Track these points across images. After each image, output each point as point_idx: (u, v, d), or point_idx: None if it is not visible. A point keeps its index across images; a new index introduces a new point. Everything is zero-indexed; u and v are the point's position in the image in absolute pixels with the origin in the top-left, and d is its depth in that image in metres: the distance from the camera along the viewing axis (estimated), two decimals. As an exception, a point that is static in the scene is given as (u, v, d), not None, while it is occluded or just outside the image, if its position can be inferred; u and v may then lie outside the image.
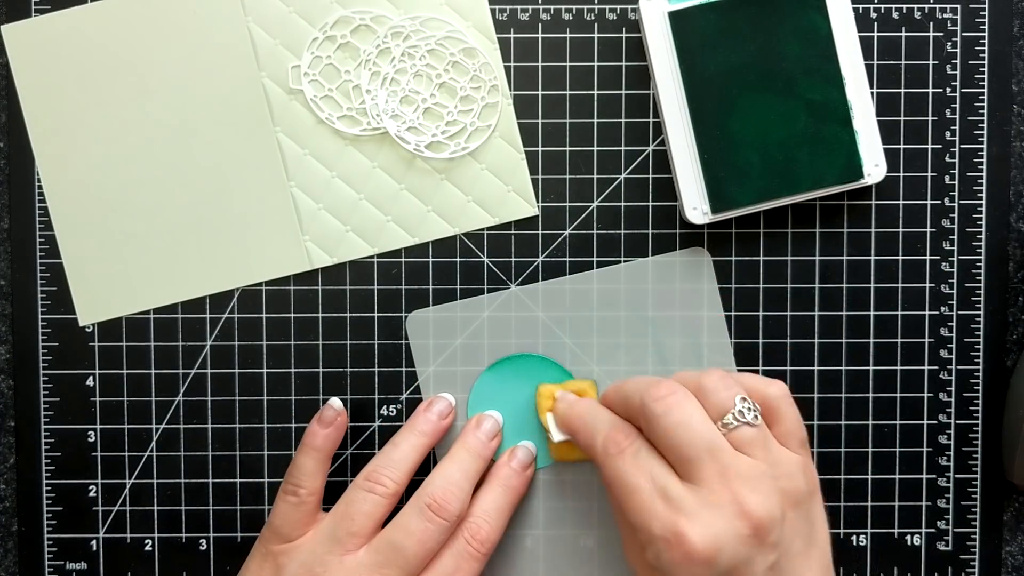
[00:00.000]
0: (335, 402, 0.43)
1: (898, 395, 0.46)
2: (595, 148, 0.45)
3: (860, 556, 0.46)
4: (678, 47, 0.43)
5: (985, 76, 0.45)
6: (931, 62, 0.45)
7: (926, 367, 0.46)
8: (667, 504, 0.35)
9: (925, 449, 0.46)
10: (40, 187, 0.45)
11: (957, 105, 0.45)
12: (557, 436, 0.42)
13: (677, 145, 0.43)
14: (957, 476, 0.46)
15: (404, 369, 0.45)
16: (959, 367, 0.46)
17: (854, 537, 0.46)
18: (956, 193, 0.45)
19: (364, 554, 0.39)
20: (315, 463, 0.42)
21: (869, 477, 0.46)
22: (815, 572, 0.37)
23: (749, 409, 0.37)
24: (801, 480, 0.37)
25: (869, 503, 0.46)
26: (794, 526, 0.36)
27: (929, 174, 0.45)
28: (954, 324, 0.45)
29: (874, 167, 0.43)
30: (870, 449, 0.46)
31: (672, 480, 0.36)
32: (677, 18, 0.42)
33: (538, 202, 0.45)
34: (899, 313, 0.45)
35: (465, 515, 0.41)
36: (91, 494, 0.46)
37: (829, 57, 0.43)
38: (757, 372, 0.45)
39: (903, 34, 0.45)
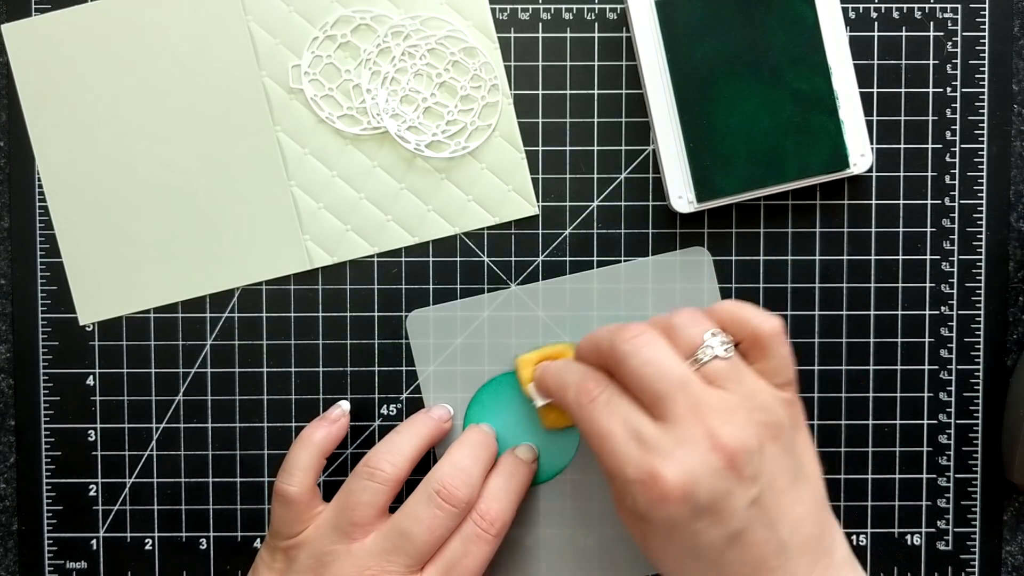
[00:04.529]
0: (344, 404, 0.44)
1: (898, 395, 0.46)
2: (595, 148, 0.45)
3: (860, 556, 0.46)
4: (665, 36, 0.43)
5: (985, 76, 0.45)
6: (931, 62, 0.45)
7: (926, 367, 0.46)
8: (640, 446, 0.35)
9: (925, 449, 0.46)
10: (40, 186, 0.45)
11: (957, 105, 0.45)
12: (539, 401, 0.42)
13: (663, 134, 0.43)
14: (957, 476, 0.46)
15: (404, 368, 0.45)
16: (959, 367, 0.46)
17: (854, 537, 0.46)
18: (956, 193, 0.45)
19: (372, 541, 0.39)
20: (310, 458, 0.41)
21: (869, 477, 0.46)
22: (806, 508, 0.36)
23: (721, 343, 0.36)
24: (780, 413, 0.36)
25: (869, 503, 0.46)
26: (775, 460, 0.35)
27: (929, 174, 0.45)
28: (954, 324, 0.45)
29: (860, 157, 0.43)
30: (870, 449, 0.46)
31: (645, 421, 0.35)
32: (664, 7, 0.43)
33: (538, 202, 0.45)
34: (899, 313, 0.45)
35: (474, 502, 0.41)
36: (91, 493, 0.46)
37: (815, 47, 0.43)
38: (757, 372, 0.45)
39: (903, 34, 0.45)
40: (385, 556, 0.39)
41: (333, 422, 0.43)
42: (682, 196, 0.43)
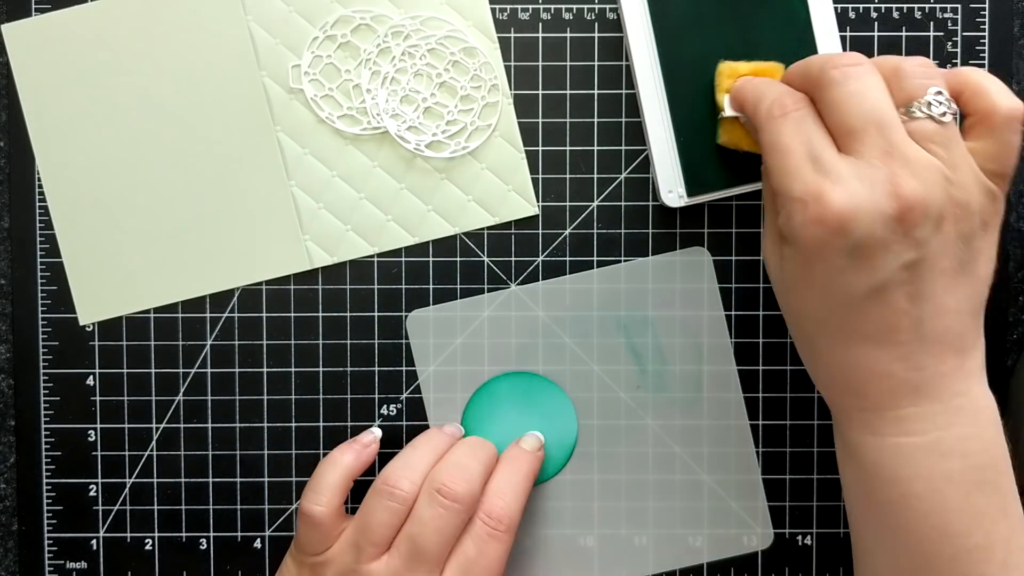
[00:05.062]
0: (376, 430, 0.44)
1: (898, 395, 0.46)
2: (595, 148, 0.45)
3: (860, 556, 0.46)
4: (656, 30, 0.43)
5: (985, 76, 0.45)
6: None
7: (926, 367, 0.45)
8: (816, 167, 0.33)
9: (925, 449, 0.46)
10: (40, 186, 0.45)
11: (957, 105, 0.45)
12: (728, 112, 0.40)
13: (654, 129, 0.43)
14: (957, 476, 0.46)
15: (404, 368, 0.45)
16: (959, 367, 0.45)
17: (854, 537, 0.46)
18: (956, 193, 0.45)
19: (388, 559, 0.39)
20: (338, 479, 0.41)
21: (869, 477, 0.46)
22: (959, 302, 0.33)
23: (942, 103, 0.33)
24: (977, 198, 0.33)
25: (869, 503, 0.46)
26: (948, 240, 0.33)
27: (929, 174, 0.45)
28: (954, 324, 0.45)
29: None
30: (870, 449, 0.46)
31: (829, 149, 0.33)
32: (656, 1, 0.43)
33: (538, 201, 0.45)
34: (899, 313, 0.45)
35: (478, 498, 0.40)
36: (91, 493, 0.46)
37: (807, 43, 0.43)
38: (757, 372, 0.45)
39: (903, 34, 0.45)
40: (404, 569, 0.39)
41: (365, 447, 0.43)
42: (672, 190, 0.43)
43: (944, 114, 0.33)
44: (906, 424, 0.34)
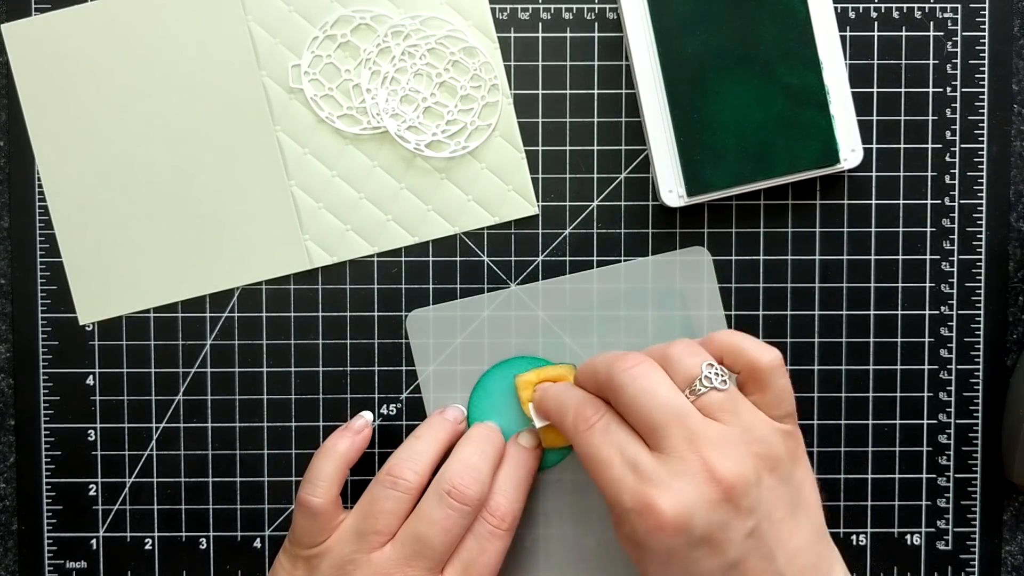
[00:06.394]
0: (367, 414, 0.44)
1: (898, 395, 0.46)
2: (595, 147, 0.45)
3: (860, 556, 0.46)
4: (656, 29, 0.43)
5: (985, 76, 0.45)
6: (931, 62, 0.45)
7: (926, 367, 0.46)
8: (636, 476, 0.35)
9: (925, 449, 0.46)
10: (40, 186, 0.45)
11: (957, 105, 0.45)
12: (539, 423, 0.42)
13: (654, 128, 0.43)
14: (957, 476, 0.46)
15: (404, 368, 0.45)
16: (959, 367, 0.46)
17: (854, 537, 0.46)
18: (956, 193, 0.45)
19: (391, 549, 0.39)
20: (334, 468, 0.41)
21: (869, 477, 0.46)
22: (804, 538, 0.36)
23: (717, 374, 0.36)
24: (778, 445, 0.36)
25: (869, 503, 0.46)
26: (773, 491, 0.36)
27: (929, 174, 0.45)
28: (954, 324, 0.45)
29: (850, 152, 0.43)
30: (870, 449, 0.46)
31: (642, 451, 0.36)
32: (656, 1, 0.43)
33: (538, 201, 0.45)
34: (899, 313, 0.45)
35: (486, 498, 0.41)
36: (91, 493, 0.46)
37: (806, 41, 0.43)
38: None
39: (903, 33, 0.45)
40: (405, 562, 0.39)
41: (357, 432, 0.43)
42: (672, 190, 0.44)
43: (723, 381, 0.37)
44: None
